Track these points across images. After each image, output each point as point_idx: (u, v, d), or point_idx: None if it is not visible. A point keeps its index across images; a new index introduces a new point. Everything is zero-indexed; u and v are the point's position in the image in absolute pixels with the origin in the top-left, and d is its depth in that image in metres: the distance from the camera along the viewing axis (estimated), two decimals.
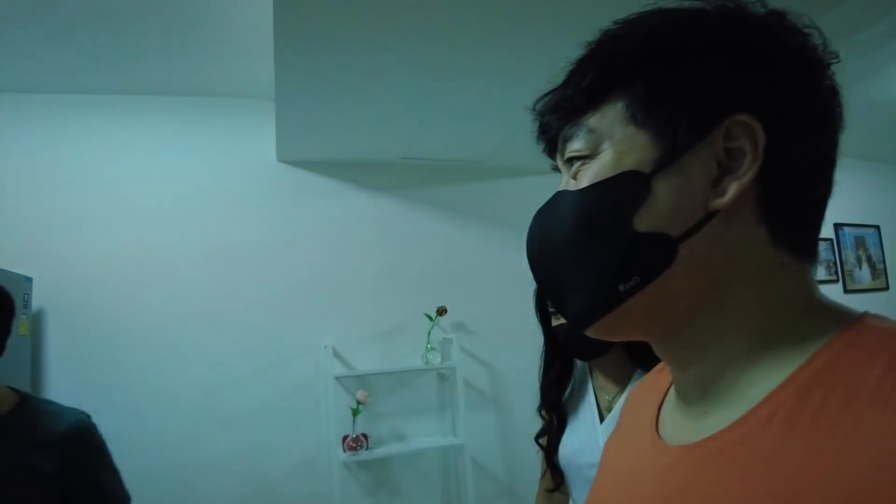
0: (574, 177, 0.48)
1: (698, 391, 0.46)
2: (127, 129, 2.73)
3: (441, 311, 2.92)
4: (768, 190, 0.43)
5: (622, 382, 1.31)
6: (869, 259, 4.10)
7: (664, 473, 0.46)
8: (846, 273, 3.95)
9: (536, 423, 1.45)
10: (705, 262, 0.43)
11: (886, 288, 4.10)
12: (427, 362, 2.88)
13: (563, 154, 0.50)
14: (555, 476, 1.39)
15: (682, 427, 0.48)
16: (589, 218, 0.46)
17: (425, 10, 1.78)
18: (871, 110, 3.29)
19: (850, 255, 4.01)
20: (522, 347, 3.05)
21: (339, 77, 2.15)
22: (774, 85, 0.43)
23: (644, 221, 0.43)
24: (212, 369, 2.64)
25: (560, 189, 0.50)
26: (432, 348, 2.91)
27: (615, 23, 0.48)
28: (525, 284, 3.27)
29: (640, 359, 1.30)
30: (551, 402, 1.41)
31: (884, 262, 4.15)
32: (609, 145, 0.46)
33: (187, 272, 2.68)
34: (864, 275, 4.05)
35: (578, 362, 1.43)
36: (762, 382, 0.41)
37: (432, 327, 2.91)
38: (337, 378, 2.75)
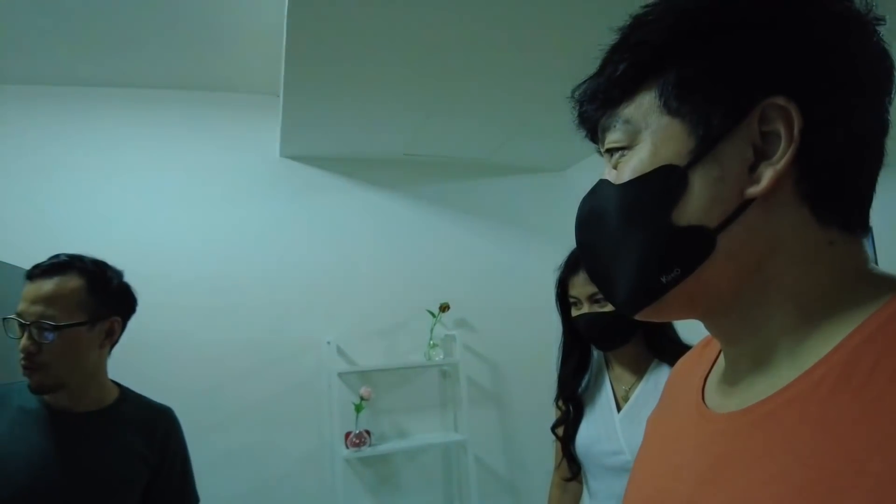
0: (615, 167, 0.49)
1: (750, 363, 0.46)
2: (128, 122, 2.71)
3: (444, 308, 2.93)
4: (809, 171, 0.41)
5: (639, 372, 1.33)
6: None
7: (710, 440, 0.46)
8: None
9: (539, 420, 1.46)
10: (745, 249, 0.43)
11: None
12: (429, 359, 2.88)
13: (602, 143, 0.50)
14: (571, 466, 1.40)
15: (730, 397, 0.48)
16: (628, 213, 0.47)
17: (434, 8, 1.78)
18: None
19: None
20: (525, 344, 3.07)
21: (348, 73, 2.14)
22: (812, 61, 0.41)
23: (682, 216, 0.43)
24: (213, 365, 2.62)
25: (603, 177, 0.51)
26: (435, 345, 2.91)
27: (644, 7, 0.47)
28: (528, 281, 3.28)
29: (659, 350, 1.31)
30: (569, 392, 1.41)
31: (876, 264, 4.20)
32: (646, 136, 0.46)
33: (188, 267, 2.66)
34: None
35: (595, 353, 1.44)
36: (813, 350, 0.40)
37: (435, 324, 2.91)
38: (340, 374, 2.74)
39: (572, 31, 1.93)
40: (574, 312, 1.36)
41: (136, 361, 2.48)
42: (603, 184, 0.50)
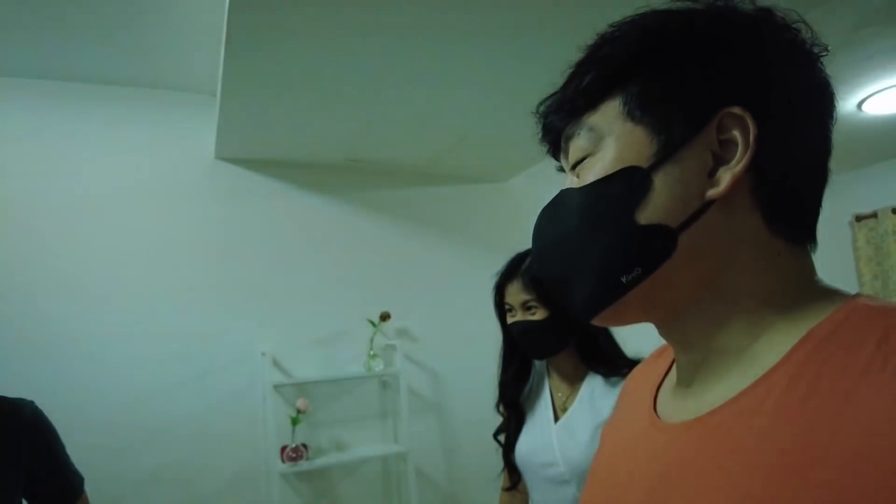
0: (577, 175, 0.50)
1: (701, 371, 0.48)
2: (48, 116, 2.52)
3: (384, 317, 2.87)
4: (763, 180, 0.45)
5: (576, 382, 1.34)
6: None
7: (662, 450, 0.48)
8: None
9: (480, 430, 1.46)
10: (704, 251, 0.45)
11: None
12: (369, 369, 2.82)
13: (566, 153, 0.53)
14: (511, 475, 1.41)
15: (681, 406, 0.50)
16: (593, 213, 0.48)
17: (378, 14, 1.75)
18: None
19: None
20: (467, 354, 3.06)
21: (289, 74, 2.07)
22: (764, 79, 0.45)
23: (645, 214, 0.45)
24: (140, 377, 2.47)
25: (564, 188, 0.52)
26: (375, 355, 2.85)
27: (611, 26, 0.50)
28: (469, 290, 3.27)
29: (590, 361, 1.32)
30: (509, 398, 1.42)
31: None
32: (609, 142, 0.48)
33: (113, 272, 2.50)
34: None
35: (537, 361, 1.44)
36: (761, 361, 0.43)
37: (375, 333, 2.85)
38: (275, 386, 2.64)
39: (516, 44, 1.94)
40: (509, 319, 1.36)
41: (49, 373, 2.32)
42: (564, 192, 0.52)
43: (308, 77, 2.10)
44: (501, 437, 1.43)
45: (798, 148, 0.45)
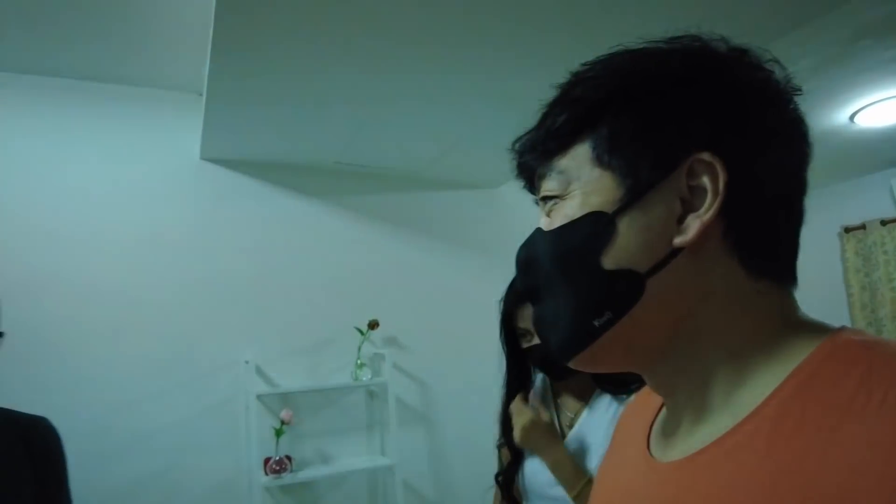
0: (548, 214, 0.51)
1: (688, 412, 0.48)
2: (33, 112, 2.42)
3: (372, 325, 2.80)
4: (734, 224, 0.44)
5: (584, 400, 1.32)
6: None
7: (656, 490, 0.48)
8: None
9: (470, 442, 1.41)
10: (675, 295, 0.45)
11: None
12: (356, 379, 2.75)
13: (538, 191, 0.53)
14: None
15: (673, 445, 0.49)
16: (559, 258, 0.48)
17: (371, 16, 1.70)
18: None
19: None
20: (457, 363, 3.00)
21: (277, 74, 2.01)
22: (736, 122, 0.44)
23: (611, 259, 0.45)
24: (119, 385, 2.38)
25: (539, 225, 0.53)
26: (362, 364, 2.78)
27: (583, 65, 0.50)
28: (459, 298, 3.21)
29: (601, 381, 1.31)
30: (512, 437, 1.37)
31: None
32: (577, 186, 0.48)
33: (93, 275, 2.41)
34: None
35: (538, 381, 1.42)
36: (748, 399, 0.42)
37: (363, 342, 2.78)
38: (259, 396, 2.56)
39: (509, 51, 1.91)
40: (525, 344, 1.34)
41: (25, 377, 2.22)
42: (537, 232, 0.52)
43: (296, 78, 2.05)
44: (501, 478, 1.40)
45: (770, 190, 0.45)
